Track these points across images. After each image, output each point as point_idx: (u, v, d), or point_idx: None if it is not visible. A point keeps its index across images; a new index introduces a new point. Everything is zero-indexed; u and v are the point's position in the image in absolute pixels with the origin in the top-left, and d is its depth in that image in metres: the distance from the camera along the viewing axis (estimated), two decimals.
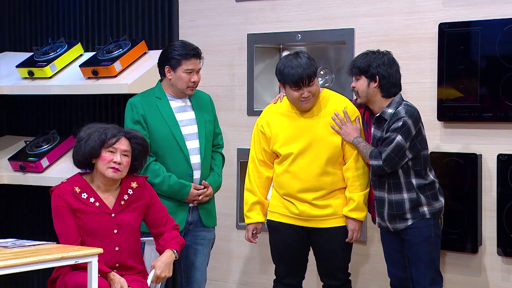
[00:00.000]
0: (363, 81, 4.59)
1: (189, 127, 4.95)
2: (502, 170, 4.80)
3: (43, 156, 6.15)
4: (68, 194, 4.41)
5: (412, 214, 4.56)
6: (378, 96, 4.60)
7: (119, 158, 4.42)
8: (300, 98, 4.59)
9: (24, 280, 6.74)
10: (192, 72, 4.88)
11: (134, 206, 4.51)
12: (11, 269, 3.90)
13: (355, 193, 4.65)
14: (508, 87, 4.77)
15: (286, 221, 4.72)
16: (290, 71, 4.55)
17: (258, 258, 5.72)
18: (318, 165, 4.63)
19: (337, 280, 4.74)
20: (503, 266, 4.86)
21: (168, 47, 4.96)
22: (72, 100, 6.54)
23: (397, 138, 4.49)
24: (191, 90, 4.93)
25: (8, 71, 6.40)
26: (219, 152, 5.11)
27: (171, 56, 4.88)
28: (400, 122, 4.49)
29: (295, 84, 4.56)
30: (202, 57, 4.94)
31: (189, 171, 4.90)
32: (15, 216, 6.82)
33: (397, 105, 4.56)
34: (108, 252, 4.35)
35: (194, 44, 4.96)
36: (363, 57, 4.62)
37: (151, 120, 4.89)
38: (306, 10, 5.49)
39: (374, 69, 4.56)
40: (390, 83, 4.58)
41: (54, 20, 6.62)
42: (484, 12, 4.87)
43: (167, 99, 4.94)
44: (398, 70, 4.63)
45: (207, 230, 5.01)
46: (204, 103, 5.04)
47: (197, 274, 5.00)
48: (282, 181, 4.70)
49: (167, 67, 4.90)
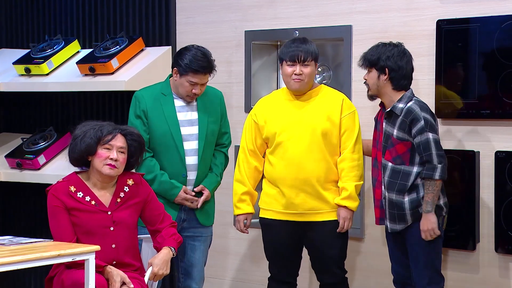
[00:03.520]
0: (374, 74, 4.60)
1: (190, 128, 4.94)
2: (500, 167, 4.80)
3: (40, 153, 6.15)
4: (63, 193, 4.40)
5: (412, 216, 4.55)
6: (389, 88, 4.59)
7: (115, 155, 4.41)
8: (292, 75, 4.63)
9: (21, 279, 6.74)
10: (196, 85, 4.83)
11: (130, 203, 4.50)
12: (8, 266, 3.89)
13: (349, 183, 4.65)
14: (506, 84, 4.77)
15: (280, 218, 4.72)
16: (290, 45, 4.69)
17: (255, 255, 5.73)
18: (314, 154, 4.64)
19: (333, 277, 4.74)
20: (501, 263, 4.86)
21: (184, 52, 4.85)
22: (69, 97, 6.54)
23: (429, 136, 4.48)
24: (190, 99, 4.91)
25: (5, 68, 6.40)
26: (222, 152, 5.09)
27: (181, 62, 4.82)
28: (421, 121, 4.49)
29: (290, 58, 4.64)
30: (214, 71, 4.86)
31: (183, 171, 4.89)
32: (12, 213, 6.82)
33: (408, 100, 4.55)
34: (105, 250, 4.35)
35: (208, 57, 4.84)
36: (373, 49, 4.63)
37: (152, 116, 4.88)
38: (304, 7, 5.50)
39: (383, 61, 4.57)
40: (400, 75, 4.57)
41: (51, 17, 6.62)
42: (482, 9, 4.87)
43: (172, 97, 4.93)
44: (410, 62, 4.61)
45: (203, 227, 5.01)
46: (212, 102, 5.01)
47: (194, 271, 4.99)
48: (277, 170, 4.70)
49: (175, 69, 4.87)
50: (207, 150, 4.97)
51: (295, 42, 4.70)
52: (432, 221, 4.51)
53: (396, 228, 4.60)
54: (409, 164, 4.55)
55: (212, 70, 4.85)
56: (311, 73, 4.66)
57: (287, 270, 4.81)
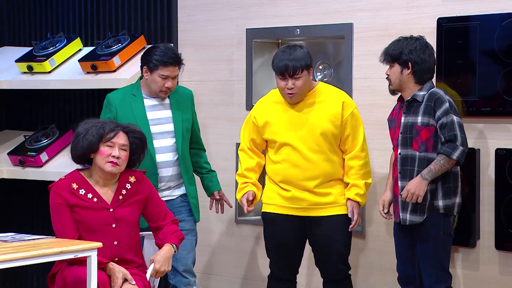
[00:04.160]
0: (396, 68, 4.56)
1: (164, 126, 5.03)
2: (500, 164, 4.81)
3: (42, 151, 6.16)
4: (65, 190, 4.42)
5: (428, 207, 4.52)
6: (411, 82, 4.55)
7: (117, 152, 4.43)
8: (285, 89, 4.62)
9: (23, 276, 6.76)
10: (167, 78, 4.97)
11: (132, 200, 4.52)
12: (11, 263, 3.90)
13: (360, 181, 4.67)
14: (506, 81, 4.78)
15: (283, 212, 4.71)
16: (280, 58, 4.61)
17: (257, 252, 5.74)
18: (317, 154, 4.64)
19: (338, 273, 4.74)
20: (501, 260, 4.87)
21: (151, 49, 5.04)
22: (71, 95, 6.55)
23: (454, 118, 4.44)
24: (164, 94, 5.03)
25: (7, 66, 6.41)
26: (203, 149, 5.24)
27: (150, 59, 4.98)
28: (446, 103, 4.45)
29: (279, 72, 4.61)
30: (182, 63, 5.03)
31: (153, 169, 4.95)
32: (14, 211, 6.84)
33: (429, 88, 4.53)
34: (107, 247, 4.36)
35: (176, 51, 5.07)
36: (395, 44, 4.59)
37: (121, 117, 4.97)
38: (305, 5, 5.50)
39: (406, 55, 4.53)
40: (423, 69, 4.54)
41: (53, 15, 6.63)
42: (483, 7, 4.88)
43: (142, 97, 5.04)
44: (432, 55, 4.58)
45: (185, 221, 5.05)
46: (184, 100, 5.13)
47: (179, 265, 5.01)
48: (280, 169, 4.70)
49: (145, 68, 5.01)
50: (185, 146, 5.08)
51: (285, 53, 4.61)
52: (422, 189, 4.47)
53: (416, 220, 4.54)
54: (432, 151, 4.51)
55: (180, 63, 5.01)
56: (303, 84, 4.61)
57: (288, 267, 4.80)
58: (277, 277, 4.82)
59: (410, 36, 4.60)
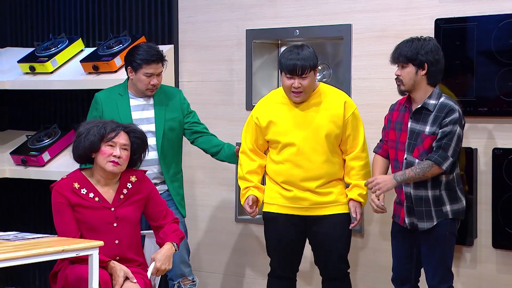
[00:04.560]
0: (411, 69, 4.48)
1: (147, 126, 5.07)
2: (497, 164, 4.83)
3: (45, 150, 6.18)
4: (67, 190, 4.45)
5: (436, 214, 4.51)
6: (424, 83, 4.50)
7: (118, 152, 4.46)
8: (291, 88, 4.63)
9: (25, 274, 6.77)
10: (152, 76, 5.05)
11: (133, 199, 4.55)
12: (13, 261, 3.92)
13: (362, 181, 4.69)
14: (503, 82, 4.80)
15: (285, 212, 4.73)
16: (288, 57, 4.62)
17: (257, 250, 5.75)
18: (320, 154, 4.66)
19: (337, 271, 4.76)
20: (498, 259, 4.89)
21: (133, 49, 5.11)
22: (73, 95, 6.57)
23: (457, 130, 4.42)
24: (150, 92, 5.09)
25: (10, 66, 6.43)
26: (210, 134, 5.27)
27: (133, 59, 5.05)
28: (456, 113, 4.42)
29: (288, 71, 4.61)
30: (165, 60, 5.10)
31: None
32: (16, 210, 6.85)
33: (438, 97, 4.50)
34: (108, 245, 4.39)
35: (158, 48, 5.12)
36: (408, 44, 4.50)
37: (107, 116, 5.03)
38: (304, 6, 5.52)
39: (422, 56, 4.46)
40: (438, 70, 4.50)
41: (55, 15, 6.65)
42: (480, 8, 4.89)
43: (128, 97, 5.11)
44: (443, 56, 4.54)
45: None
46: (172, 100, 5.17)
47: (175, 258, 5.01)
48: (282, 170, 4.72)
49: (129, 68, 5.09)
50: (167, 146, 5.11)
51: (292, 52, 4.62)
52: (387, 186, 4.46)
53: (424, 226, 4.50)
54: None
55: (163, 59, 5.08)
56: (310, 83, 4.63)
57: (288, 265, 4.82)
58: (277, 275, 4.84)
59: (421, 37, 4.55)
